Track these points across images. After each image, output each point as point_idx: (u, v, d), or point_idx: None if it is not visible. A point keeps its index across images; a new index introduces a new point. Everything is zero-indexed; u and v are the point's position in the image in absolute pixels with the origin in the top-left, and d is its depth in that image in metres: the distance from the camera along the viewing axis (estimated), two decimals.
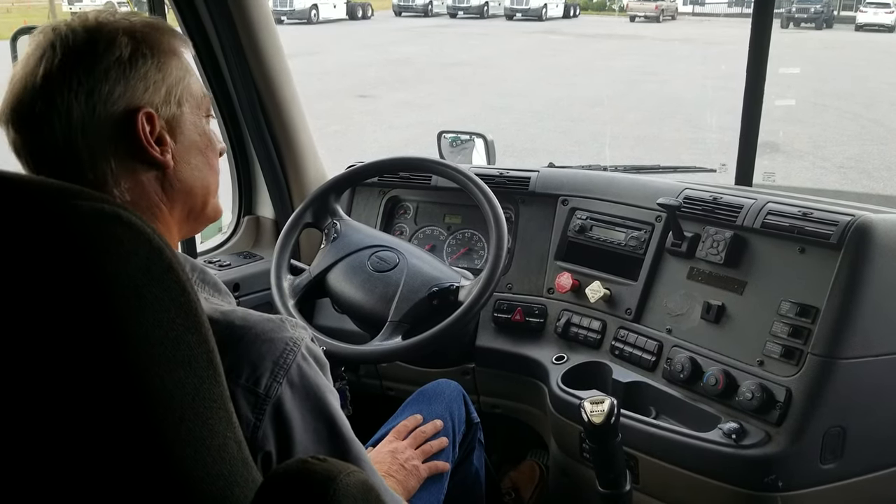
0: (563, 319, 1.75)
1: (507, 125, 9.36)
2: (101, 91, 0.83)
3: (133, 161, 0.86)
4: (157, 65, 0.88)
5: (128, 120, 0.85)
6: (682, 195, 1.65)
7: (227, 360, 0.76)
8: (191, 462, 0.60)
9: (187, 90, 0.92)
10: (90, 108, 0.83)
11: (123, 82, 0.85)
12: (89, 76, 0.83)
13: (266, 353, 0.81)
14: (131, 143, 0.86)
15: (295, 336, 0.85)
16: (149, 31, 0.89)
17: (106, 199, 0.57)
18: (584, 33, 21.73)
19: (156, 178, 0.89)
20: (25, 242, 0.52)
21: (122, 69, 0.85)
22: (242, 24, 1.84)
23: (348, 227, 1.78)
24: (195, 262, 0.92)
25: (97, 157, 0.84)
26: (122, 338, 0.55)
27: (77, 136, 0.83)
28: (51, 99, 0.83)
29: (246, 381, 0.80)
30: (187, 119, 0.92)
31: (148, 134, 0.86)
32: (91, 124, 0.83)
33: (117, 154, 0.85)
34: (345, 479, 0.62)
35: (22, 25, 2.12)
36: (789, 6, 21.55)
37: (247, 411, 0.79)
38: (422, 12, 27.12)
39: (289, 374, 0.82)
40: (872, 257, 1.35)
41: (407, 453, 1.39)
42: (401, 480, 1.33)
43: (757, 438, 1.35)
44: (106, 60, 0.84)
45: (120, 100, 0.84)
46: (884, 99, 11.70)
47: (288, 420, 0.82)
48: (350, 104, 10.92)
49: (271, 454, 0.81)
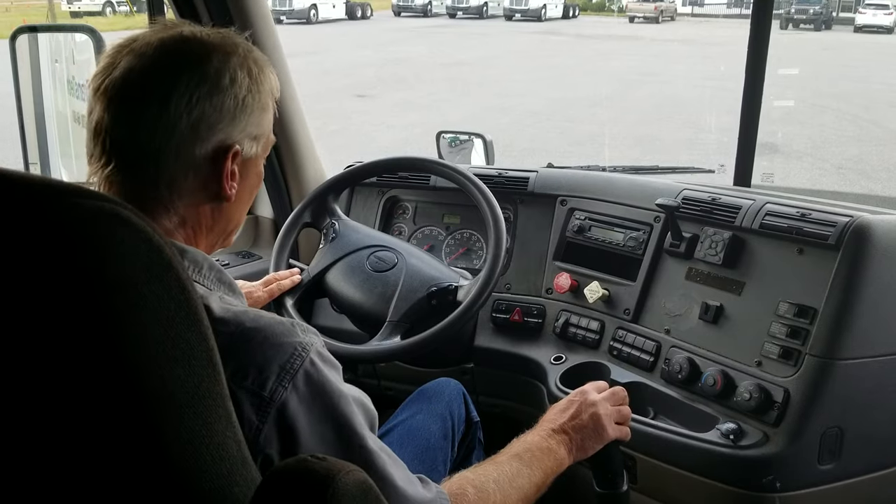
0: (561, 320, 1.75)
1: (505, 125, 9.37)
2: (211, 119, 0.87)
3: (204, 188, 0.90)
4: (261, 108, 0.93)
5: (220, 154, 0.89)
6: (680, 196, 1.65)
7: (234, 362, 0.78)
8: (189, 460, 0.60)
9: (267, 134, 0.96)
10: (195, 130, 0.86)
11: (229, 118, 0.89)
12: (208, 103, 0.87)
13: (273, 357, 0.81)
14: (212, 173, 0.89)
15: (304, 341, 0.84)
16: (262, 71, 0.94)
17: (106, 197, 0.57)
18: (583, 34, 21.74)
19: (212, 208, 0.93)
20: (25, 240, 0.52)
21: (235, 107, 0.89)
22: (242, 23, 1.84)
23: (347, 227, 1.78)
24: (213, 262, 0.93)
25: (177, 173, 0.87)
26: (121, 336, 0.55)
27: (171, 150, 0.86)
28: (166, 100, 0.85)
29: (251, 384, 0.79)
30: (258, 161, 0.97)
31: (230, 170, 0.90)
32: (187, 145, 0.86)
33: (197, 177, 0.89)
34: (344, 479, 0.62)
35: (21, 24, 2.13)
36: (788, 7, 21.57)
37: (250, 414, 0.79)
38: (421, 12, 27.12)
39: (295, 380, 0.82)
40: (871, 258, 1.35)
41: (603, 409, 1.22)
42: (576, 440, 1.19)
43: (755, 439, 1.35)
44: (228, 95, 0.88)
45: (221, 132, 0.88)
46: (882, 100, 11.72)
47: (293, 425, 0.82)
48: (349, 104, 10.92)
49: (272, 458, 0.81)
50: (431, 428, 1.47)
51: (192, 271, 0.88)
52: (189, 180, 0.88)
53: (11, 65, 2.02)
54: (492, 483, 1.05)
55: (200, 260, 0.90)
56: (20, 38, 2.07)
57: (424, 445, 1.44)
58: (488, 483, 1.05)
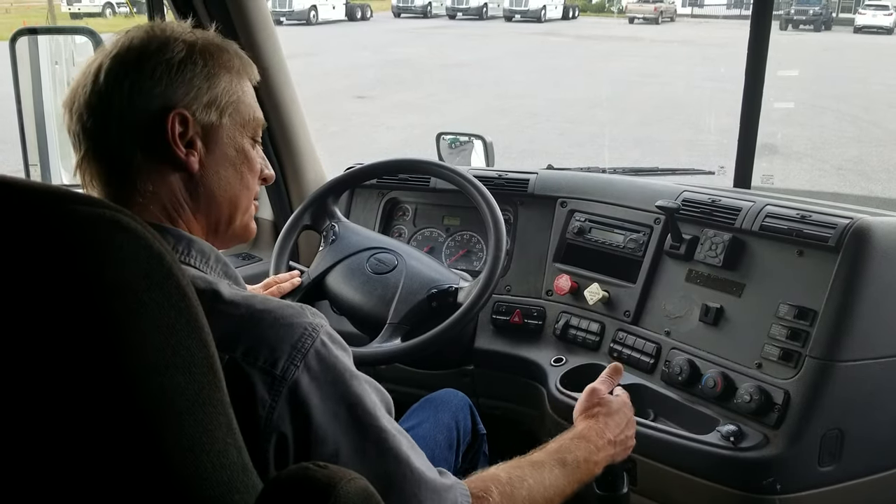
0: (561, 321, 1.75)
1: (505, 127, 9.36)
2: (143, 86, 0.89)
3: (159, 157, 0.90)
4: (207, 74, 0.93)
5: (161, 117, 0.89)
6: (680, 197, 1.65)
7: (245, 342, 0.80)
8: (190, 467, 0.60)
9: (234, 106, 0.96)
10: (130, 99, 0.88)
11: (166, 82, 0.89)
12: (137, 71, 0.89)
13: (284, 336, 0.82)
14: (160, 139, 0.90)
15: (314, 322, 0.86)
16: (211, 46, 0.95)
17: (106, 203, 0.57)
18: (583, 35, 21.74)
19: (181, 178, 0.93)
20: (24, 247, 0.52)
21: (168, 70, 0.90)
22: (241, 25, 1.84)
23: (347, 230, 1.78)
24: (220, 255, 0.95)
25: (125, 146, 0.89)
26: (120, 343, 0.55)
27: (112, 124, 0.89)
28: (101, 89, 0.89)
29: (263, 363, 0.80)
30: (226, 132, 0.96)
31: (177, 135, 0.90)
32: (128, 115, 0.89)
33: (145, 147, 0.90)
34: (345, 486, 0.62)
35: (21, 26, 2.13)
36: (788, 8, 21.58)
37: (263, 392, 0.80)
38: (421, 13, 27.13)
39: (306, 359, 0.82)
40: (870, 260, 1.35)
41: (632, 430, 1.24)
42: (613, 455, 1.18)
43: (755, 441, 1.35)
44: (154, 59, 0.89)
45: (158, 98, 0.89)
46: (882, 101, 11.72)
47: (305, 402, 0.82)
48: (349, 105, 10.92)
49: (287, 436, 0.81)
50: (437, 438, 1.46)
51: (198, 261, 0.90)
52: (143, 150, 0.90)
53: (11, 67, 2.03)
54: (524, 491, 1.02)
55: (207, 251, 0.92)
56: (20, 41, 2.07)
57: (429, 455, 1.43)
58: (520, 490, 1.01)
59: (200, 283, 0.84)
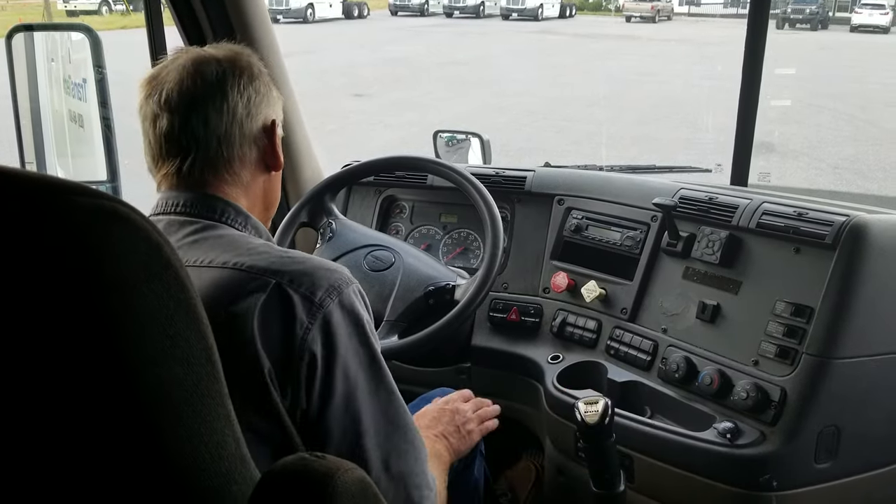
0: (558, 319, 1.75)
1: (503, 125, 9.37)
2: (255, 99, 1.08)
3: (261, 159, 1.10)
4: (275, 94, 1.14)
5: (267, 125, 1.10)
6: (677, 195, 1.66)
7: (290, 275, 0.93)
8: (188, 458, 0.60)
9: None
10: (247, 107, 1.07)
11: (267, 99, 1.10)
12: (250, 87, 1.08)
13: (324, 276, 0.95)
14: (267, 143, 1.10)
15: (349, 277, 0.99)
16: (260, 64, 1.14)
17: (104, 195, 0.56)
18: (580, 33, 21.72)
19: (264, 180, 1.13)
20: (22, 237, 0.52)
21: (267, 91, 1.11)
22: (239, 23, 1.84)
23: (344, 227, 1.78)
24: (269, 234, 1.12)
25: (243, 146, 1.07)
26: (119, 334, 0.55)
27: (236, 126, 1.06)
28: (223, 92, 1.05)
29: (305, 290, 0.92)
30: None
31: (280, 139, 1.12)
32: (245, 119, 1.07)
33: (257, 149, 1.09)
34: (343, 477, 0.62)
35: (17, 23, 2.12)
36: (785, 7, 21.59)
37: (302, 314, 0.91)
38: (418, 12, 27.07)
39: (341, 297, 0.95)
40: (867, 257, 1.36)
41: (468, 415, 1.44)
42: (453, 444, 1.38)
43: (752, 438, 1.36)
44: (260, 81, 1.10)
45: (265, 109, 1.10)
46: (879, 100, 11.74)
47: (335, 334, 0.93)
48: (346, 103, 10.91)
49: (316, 357, 0.91)
50: None
51: (254, 235, 1.07)
52: (252, 153, 1.08)
53: (7, 64, 2.02)
54: None
55: (262, 229, 1.10)
56: (16, 37, 2.06)
57: None
58: None
59: None
